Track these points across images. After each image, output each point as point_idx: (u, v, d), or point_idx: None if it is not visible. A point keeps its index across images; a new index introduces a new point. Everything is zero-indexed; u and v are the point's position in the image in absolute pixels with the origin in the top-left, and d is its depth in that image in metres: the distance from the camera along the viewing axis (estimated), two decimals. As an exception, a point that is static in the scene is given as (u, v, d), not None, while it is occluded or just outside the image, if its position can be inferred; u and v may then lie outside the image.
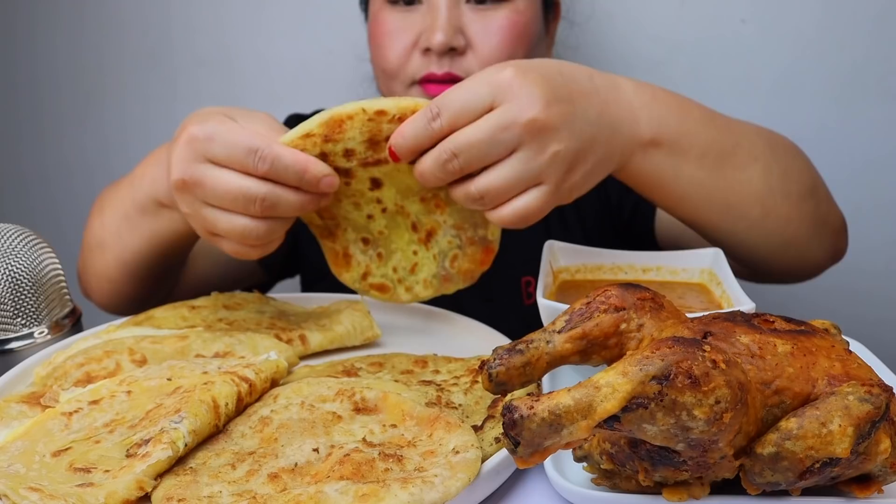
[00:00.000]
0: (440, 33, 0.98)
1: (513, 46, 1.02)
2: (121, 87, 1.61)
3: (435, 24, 0.99)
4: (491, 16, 1.02)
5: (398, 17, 1.04)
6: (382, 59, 1.05)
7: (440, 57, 1.00)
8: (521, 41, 1.04)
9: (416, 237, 0.76)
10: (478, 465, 0.52)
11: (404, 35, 1.03)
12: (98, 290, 0.94)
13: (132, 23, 1.56)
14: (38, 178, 1.71)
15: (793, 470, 0.45)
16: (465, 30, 1.01)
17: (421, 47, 1.02)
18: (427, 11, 1.02)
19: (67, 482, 0.52)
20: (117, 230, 0.88)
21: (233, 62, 1.54)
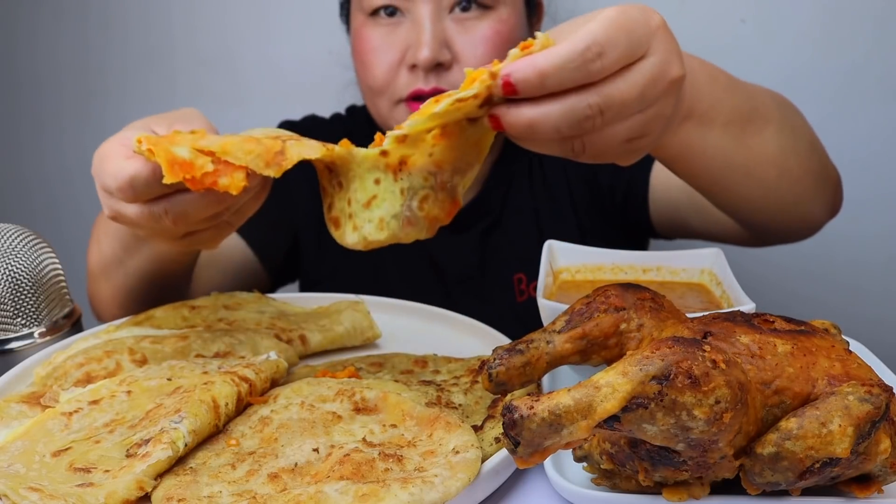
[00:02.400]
0: (426, 49, 0.98)
1: (496, 56, 1.00)
2: (121, 87, 1.61)
3: (420, 40, 0.99)
4: (475, 27, 1.01)
5: (382, 32, 1.03)
6: (368, 77, 1.04)
7: (427, 73, 1.00)
8: (504, 50, 0.99)
9: (383, 162, 0.58)
10: (478, 465, 0.52)
11: (389, 51, 1.02)
12: (111, 316, 0.93)
13: (133, 23, 1.56)
14: (38, 178, 1.71)
15: (793, 470, 0.45)
16: (450, 43, 1.01)
17: (407, 64, 1.01)
18: (411, 26, 1.01)
19: (67, 482, 0.52)
20: (116, 257, 0.87)
21: (233, 62, 1.55)
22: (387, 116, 1.05)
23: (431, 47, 0.98)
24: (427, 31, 0.98)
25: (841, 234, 1.42)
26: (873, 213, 1.40)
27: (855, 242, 1.42)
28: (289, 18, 1.50)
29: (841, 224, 1.42)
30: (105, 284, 0.91)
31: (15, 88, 1.66)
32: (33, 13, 1.60)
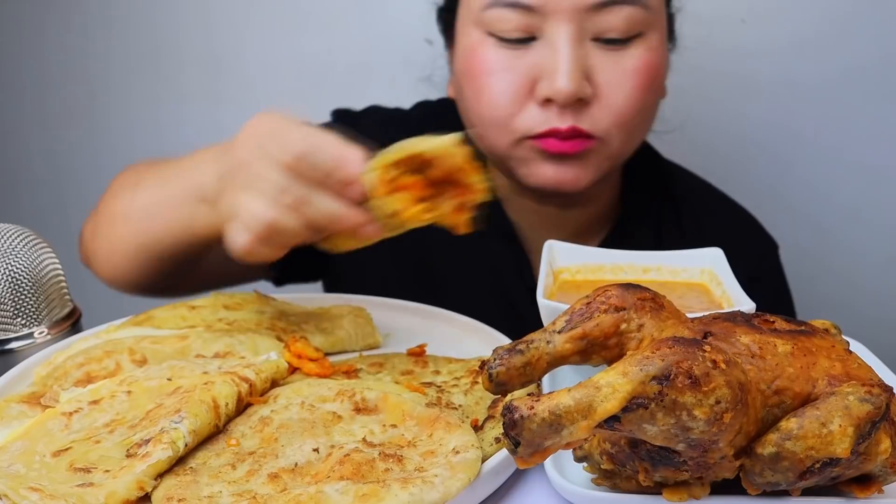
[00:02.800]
0: (565, 80, 0.81)
1: (645, 93, 0.87)
2: (122, 88, 1.61)
3: (558, 68, 0.82)
4: (622, 56, 0.85)
5: (506, 55, 0.86)
6: (482, 105, 0.88)
7: (562, 109, 0.84)
8: (655, 85, 0.89)
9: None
10: (478, 466, 0.52)
11: (514, 78, 0.85)
12: (105, 262, 0.88)
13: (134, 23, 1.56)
14: (38, 179, 1.71)
15: (793, 470, 0.45)
16: (591, 74, 0.84)
17: (539, 97, 0.84)
18: (545, 51, 0.84)
19: (67, 482, 0.52)
20: (149, 208, 0.82)
21: (231, 62, 1.54)
22: (506, 154, 0.90)
23: (573, 78, 0.82)
24: (566, 59, 0.82)
25: (840, 233, 1.42)
26: (873, 212, 1.40)
27: (854, 242, 1.42)
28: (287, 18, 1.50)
29: (841, 224, 1.42)
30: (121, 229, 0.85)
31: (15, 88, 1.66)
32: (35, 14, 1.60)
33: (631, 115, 0.88)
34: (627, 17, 0.84)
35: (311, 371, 0.69)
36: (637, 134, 0.93)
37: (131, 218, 0.84)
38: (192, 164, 0.81)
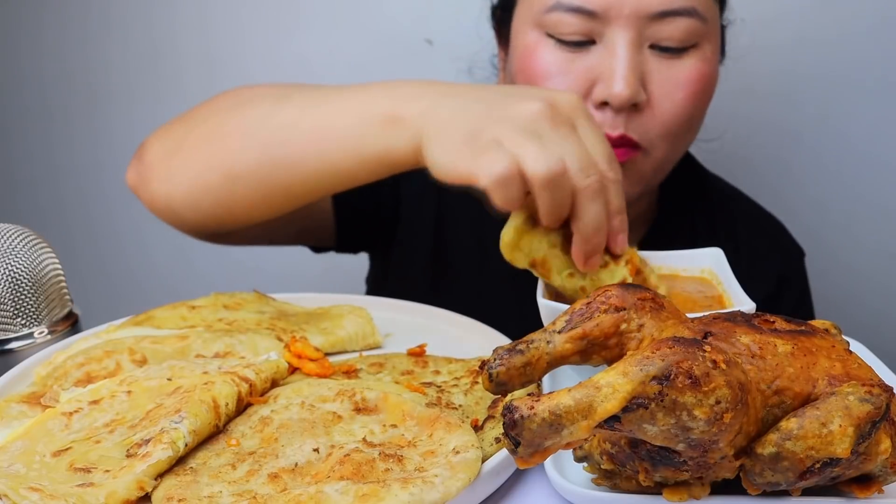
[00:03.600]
0: (622, 84, 0.82)
1: (696, 103, 0.88)
2: (123, 87, 1.61)
3: (615, 72, 0.83)
4: (678, 65, 0.86)
5: (564, 56, 0.86)
6: None
7: (616, 115, 0.85)
8: (705, 97, 0.89)
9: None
10: (478, 465, 0.52)
11: (572, 81, 0.86)
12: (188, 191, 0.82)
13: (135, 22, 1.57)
14: (38, 178, 1.71)
15: (793, 470, 0.45)
16: (646, 81, 0.85)
17: (595, 100, 0.85)
18: (603, 54, 0.85)
19: (68, 482, 0.52)
20: (300, 122, 0.76)
21: (232, 62, 1.55)
22: None
23: (630, 83, 0.82)
24: (623, 63, 0.83)
25: (840, 233, 1.42)
26: (873, 212, 1.40)
27: (855, 242, 1.43)
28: (288, 18, 1.50)
29: (840, 224, 1.42)
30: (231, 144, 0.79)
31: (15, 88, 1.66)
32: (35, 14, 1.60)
33: (678, 125, 0.88)
34: (685, 28, 0.84)
35: (311, 371, 0.69)
36: (682, 144, 0.93)
37: (263, 131, 0.78)
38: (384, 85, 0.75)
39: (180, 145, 0.84)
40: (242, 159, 0.79)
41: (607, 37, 0.84)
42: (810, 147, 1.40)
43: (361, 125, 0.73)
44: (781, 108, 1.38)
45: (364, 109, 0.74)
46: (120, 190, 0.96)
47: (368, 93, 0.75)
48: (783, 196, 1.41)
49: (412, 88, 0.73)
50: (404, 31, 1.45)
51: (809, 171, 1.41)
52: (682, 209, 1.06)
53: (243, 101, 0.82)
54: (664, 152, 0.90)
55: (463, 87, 0.72)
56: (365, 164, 0.75)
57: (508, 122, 0.64)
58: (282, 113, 0.78)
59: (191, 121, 0.86)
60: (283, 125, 0.77)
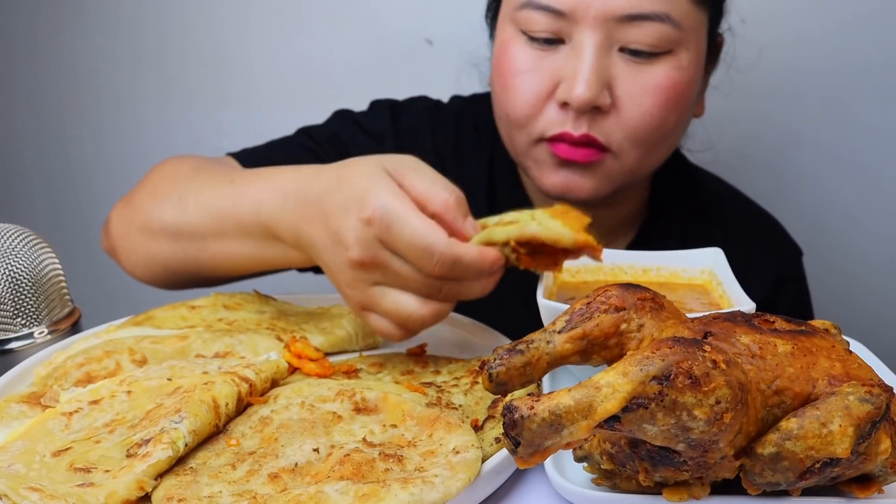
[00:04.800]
0: (583, 86, 0.82)
1: (665, 112, 0.86)
2: (124, 87, 1.61)
3: (578, 74, 0.82)
4: (646, 71, 0.84)
5: (533, 55, 0.86)
6: (507, 104, 0.89)
7: (579, 115, 0.84)
8: (678, 106, 0.87)
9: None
10: (478, 465, 0.52)
11: (538, 79, 0.86)
12: (145, 270, 0.87)
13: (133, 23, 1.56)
14: (38, 178, 1.71)
15: (793, 470, 0.45)
16: (612, 84, 0.84)
17: (558, 99, 0.85)
18: (570, 54, 0.84)
19: (67, 482, 0.52)
20: (202, 234, 0.81)
21: (231, 62, 1.55)
22: (524, 153, 0.92)
23: (591, 85, 0.82)
24: (587, 65, 0.82)
25: (840, 233, 1.42)
26: (873, 212, 1.40)
27: (854, 242, 1.42)
28: (289, 19, 1.50)
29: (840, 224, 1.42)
30: (168, 246, 0.83)
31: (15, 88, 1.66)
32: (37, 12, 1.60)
33: (647, 132, 0.87)
34: (655, 33, 0.83)
35: (311, 371, 0.69)
36: (656, 152, 0.91)
37: (179, 237, 0.82)
38: (253, 191, 0.77)
39: (129, 230, 0.89)
40: (172, 258, 0.84)
41: (575, 37, 0.84)
42: (811, 147, 1.40)
43: (253, 241, 0.77)
44: (782, 107, 1.38)
45: (248, 226, 0.77)
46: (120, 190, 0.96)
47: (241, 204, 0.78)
48: (783, 196, 1.41)
49: (274, 203, 0.75)
50: (404, 31, 1.45)
51: (810, 171, 1.41)
52: (673, 209, 1.04)
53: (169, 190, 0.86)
54: (634, 158, 0.88)
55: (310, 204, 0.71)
56: (275, 266, 0.80)
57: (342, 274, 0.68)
58: (188, 217, 0.82)
59: (133, 204, 0.89)
60: (192, 232, 0.82)
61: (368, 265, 0.66)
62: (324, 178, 0.71)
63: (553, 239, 0.68)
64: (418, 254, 0.64)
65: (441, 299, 0.68)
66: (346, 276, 0.68)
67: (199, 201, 0.81)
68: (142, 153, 1.62)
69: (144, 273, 0.89)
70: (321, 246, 0.70)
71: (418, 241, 0.64)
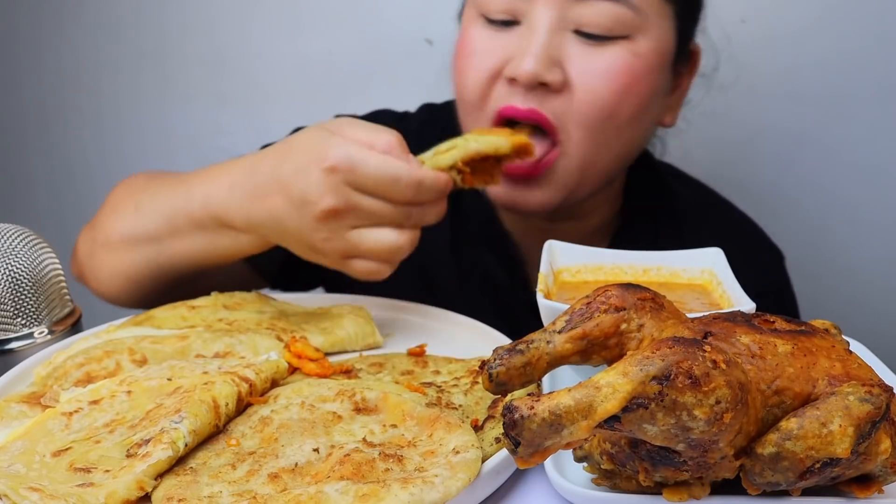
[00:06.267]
0: (531, 59, 0.81)
1: (618, 97, 0.84)
2: (124, 87, 1.61)
3: (528, 49, 0.81)
4: (599, 53, 0.83)
5: (487, 34, 0.86)
6: (461, 86, 0.89)
7: (527, 91, 0.83)
8: (632, 94, 0.85)
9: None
10: (478, 465, 0.52)
11: (489, 58, 0.85)
12: (110, 285, 0.90)
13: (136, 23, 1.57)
14: (38, 178, 1.71)
15: (793, 470, 0.45)
16: (565, 64, 0.83)
17: (506, 75, 0.84)
18: (524, 33, 0.84)
19: (68, 482, 0.52)
20: (157, 236, 0.84)
21: (232, 62, 1.55)
22: None
23: (539, 58, 0.81)
24: (538, 41, 0.81)
25: (841, 233, 1.42)
26: (873, 212, 1.40)
27: (855, 242, 1.42)
28: (287, 18, 1.50)
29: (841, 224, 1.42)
30: (126, 255, 0.86)
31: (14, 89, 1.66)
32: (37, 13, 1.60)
33: (598, 117, 0.84)
34: (610, 14, 0.82)
35: (311, 371, 0.69)
36: (605, 144, 0.87)
37: (139, 245, 0.85)
38: (200, 189, 0.81)
39: (93, 249, 0.91)
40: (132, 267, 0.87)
41: (529, 16, 0.83)
42: (811, 146, 1.40)
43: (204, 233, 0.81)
44: (783, 107, 1.38)
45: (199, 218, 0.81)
46: (120, 190, 0.97)
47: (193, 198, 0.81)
48: (784, 196, 1.41)
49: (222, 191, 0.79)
50: (404, 31, 1.45)
51: (810, 171, 1.41)
52: (644, 223, 1.02)
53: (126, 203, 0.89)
54: (581, 149, 0.86)
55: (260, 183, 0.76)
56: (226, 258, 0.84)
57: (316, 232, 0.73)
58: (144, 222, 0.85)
59: (95, 224, 0.92)
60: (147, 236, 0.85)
61: (342, 210, 0.71)
62: (268, 157, 0.76)
63: (493, 148, 0.77)
64: (386, 184, 0.70)
65: (411, 226, 0.74)
66: (319, 233, 0.72)
67: (154, 205, 0.85)
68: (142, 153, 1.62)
69: (109, 289, 0.91)
70: (283, 216, 0.74)
71: (384, 172, 0.70)
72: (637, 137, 0.92)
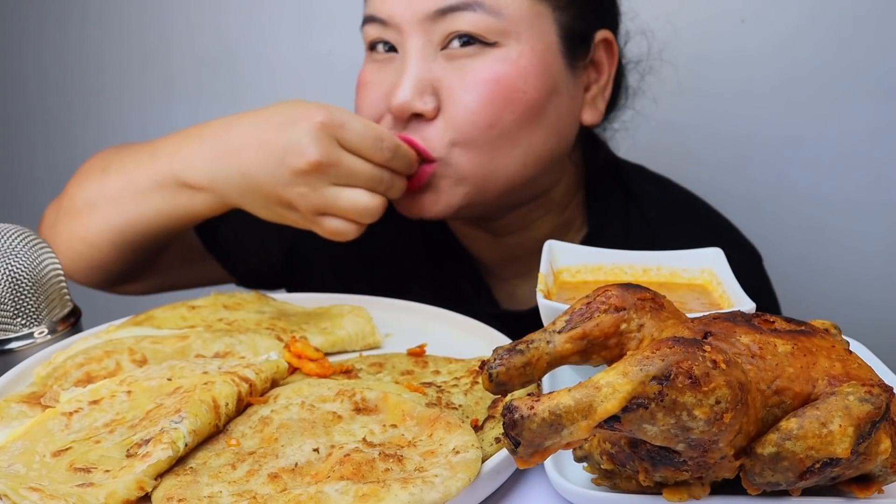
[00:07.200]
0: (402, 91, 0.82)
1: (492, 107, 0.82)
2: (124, 86, 1.61)
3: (399, 81, 0.82)
4: (467, 68, 0.82)
5: (374, 67, 0.88)
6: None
7: (405, 124, 0.84)
8: (509, 101, 0.83)
9: None
10: (478, 465, 0.52)
11: (374, 91, 0.87)
12: (68, 252, 0.90)
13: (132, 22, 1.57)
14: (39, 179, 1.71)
15: (793, 470, 0.45)
16: (438, 90, 0.83)
17: (388, 109, 0.85)
18: (399, 64, 0.85)
19: (67, 482, 0.52)
20: (118, 196, 0.86)
21: (232, 62, 1.55)
22: None
23: (406, 91, 0.81)
24: (407, 71, 0.82)
25: (841, 233, 1.42)
26: (873, 212, 1.40)
27: (855, 242, 1.42)
28: (288, 18, 1.50)
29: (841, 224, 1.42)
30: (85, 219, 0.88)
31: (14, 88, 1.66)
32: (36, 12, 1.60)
33: (475, 131, 0.83)
34: (470, 24, 0.81)
35: (311, 371, 0.69)
36: (502, 154, 0.85)
37: (98, 206, 0.87)
38: (170, 145, 0.84)
39: (57, 218, 0.93)
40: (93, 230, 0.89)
41: (402, 46, 0.84)
42: (811, 146, 1.40)
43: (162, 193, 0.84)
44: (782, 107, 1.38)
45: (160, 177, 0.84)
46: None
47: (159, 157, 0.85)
48: (783, 196, 1.41)
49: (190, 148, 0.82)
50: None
51: (810, 171, 1.41)
52: (613, 230, 1.00)
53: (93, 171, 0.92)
54: (470, 162, 0.85)
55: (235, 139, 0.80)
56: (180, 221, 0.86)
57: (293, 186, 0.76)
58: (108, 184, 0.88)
59: (62, 195, 0.95)
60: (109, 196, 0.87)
61: (325, 165, 0.74)
62: (245, 118, 0.81)
63: None
64: (371, 142, 0.76)
65: (382, 191, 0.79)
66: (296, 187, 0.76)
67: (121, 167, 0.88)
68: (142, 153, 1.62)
69: (65, 257, 0.90)
70: (256, 171, 0.77)
71: (370, 131, 0.76)
72: (541, 141, 0.88)
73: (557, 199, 0.99)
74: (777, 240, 1.09)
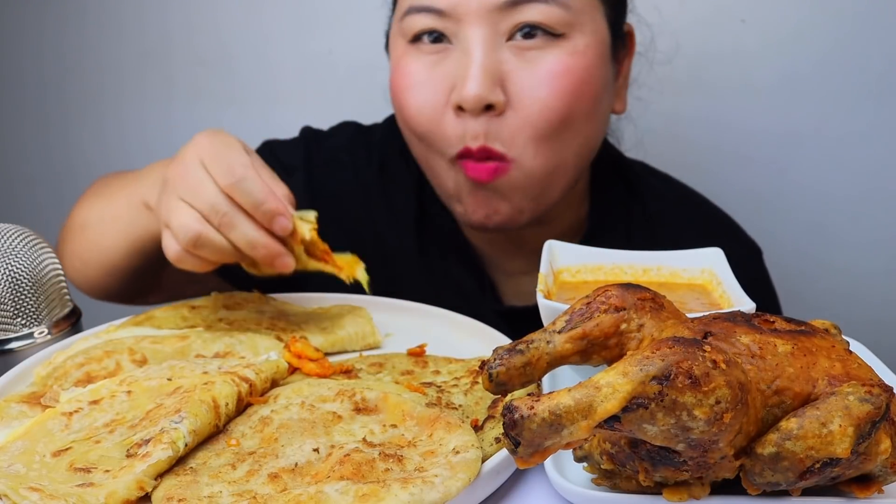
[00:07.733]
0: (472, 84, 0.77)
1: (565, 101, 0.81)
2: (123, 87, 1.61)
3: (467, 73, 0.78)
4: (539, 59, 0.80)
5: (424, 63, 0.83)
6: (410, 120, 0.85)
7: (476, 116, 0.79)
8: (579, 94, 0.82)
9: None
10: (478, 465, 0.52)
11: (432, 88, 0.82)
12: (74, 271, 0.94)
13: (131, 23, 1.57)
14: (39, 179, 1.71)
15: (793, 470, 0.45)
16: (506, 82, 0.80)
17: (452, 104, 0.81)
18: (460, 56, 0.80)
19: (67, 482, 0.52)
20: (101, 218, 0.89)
21: (232, 62, 1.55)
22: (444, 178, 0.87)
23: (479, 82, 0.77)
24: (476, 62, 0.78)
25: (841, 234, 1.42)
26: (873, 212, 1.40)
27: (855, 242, 1.42)
28: (288, 18, 1.50)
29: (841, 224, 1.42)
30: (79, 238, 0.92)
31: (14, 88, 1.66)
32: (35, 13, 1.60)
33: (546, 126, 0.82)
34: (542, 15, 0.79)
35: (311, 371, 0.69)
36: (560, 150, 0.85)
37: (88, 226, 0.91)
38: (146, 174, 0.87)
39: (63, 240, 0.96)
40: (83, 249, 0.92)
41: (461, 37, 0.80)
42: (811, 146, 1.40)
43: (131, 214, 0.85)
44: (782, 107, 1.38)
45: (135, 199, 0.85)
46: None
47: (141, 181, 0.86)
48: (783, 195, 1.41)
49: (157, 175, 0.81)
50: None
51: (810, 171, 1.41)
52: (614, 225, 0.99)
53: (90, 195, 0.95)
54: (539, 160, 0.83)
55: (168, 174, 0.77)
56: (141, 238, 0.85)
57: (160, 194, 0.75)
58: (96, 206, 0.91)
59: (68, 216, 0.98)
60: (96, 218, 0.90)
61: (177, 178, 0.71)
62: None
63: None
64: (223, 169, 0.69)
65: (215, 225, 0.69)
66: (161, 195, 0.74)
67: (109, 191, 0.90)
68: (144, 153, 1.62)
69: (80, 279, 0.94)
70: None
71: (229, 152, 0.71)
72: (595, 133, 0.90)
73: (580, 193, 0.99)
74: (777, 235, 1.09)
